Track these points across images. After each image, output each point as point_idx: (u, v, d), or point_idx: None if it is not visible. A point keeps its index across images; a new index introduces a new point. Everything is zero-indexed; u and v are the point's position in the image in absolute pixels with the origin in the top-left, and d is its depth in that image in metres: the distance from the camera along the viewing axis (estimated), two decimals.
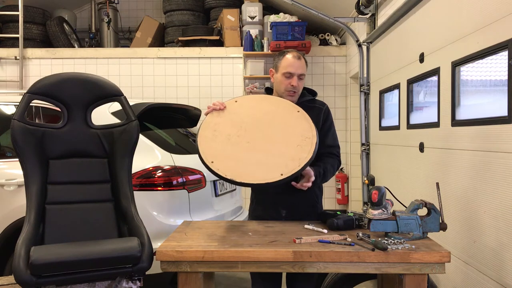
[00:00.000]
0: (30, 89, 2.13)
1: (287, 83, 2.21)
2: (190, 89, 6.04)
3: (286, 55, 2.25)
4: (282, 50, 2.43)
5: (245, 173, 1.90)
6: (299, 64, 2.22)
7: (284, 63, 2.23)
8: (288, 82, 2.21)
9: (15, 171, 2.85)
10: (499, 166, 2.03)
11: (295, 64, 2.21)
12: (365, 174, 4.55)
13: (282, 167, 1.90)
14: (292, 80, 2.20)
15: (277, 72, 2.26)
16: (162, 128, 3.30)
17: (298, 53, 2.26)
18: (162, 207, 2.83)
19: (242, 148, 1.99)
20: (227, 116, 2.12)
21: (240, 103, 2.18)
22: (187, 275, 1.78)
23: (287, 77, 2.21)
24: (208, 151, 1.96)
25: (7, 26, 6.31)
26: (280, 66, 2.24)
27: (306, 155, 1.94)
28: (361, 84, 4.56)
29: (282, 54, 2.27)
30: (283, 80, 2.22)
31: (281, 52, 2.30)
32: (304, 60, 2.25)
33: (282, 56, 2.25)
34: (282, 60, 2.24)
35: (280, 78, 2.23)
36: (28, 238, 1.89)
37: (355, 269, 1.73)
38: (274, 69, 2.29)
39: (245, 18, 5.97)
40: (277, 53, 2.29)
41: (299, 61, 2.22)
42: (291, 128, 2.05)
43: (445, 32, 2.64)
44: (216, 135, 2.04)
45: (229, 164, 1.93)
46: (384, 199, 1.87)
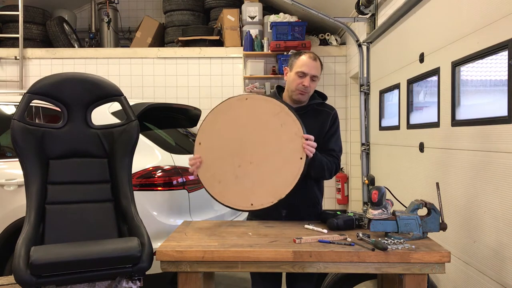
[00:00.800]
0: (30, 89, 2.13)
1: (299, 82, 2.20)
2: (190, 89, 6.04)
3: (302, 55, 2.24)
4: (286, 55, 2.43)
5: (243, 201, 2.08)
6: (313, 65, 2.21)
7: (299, 62, 2.22)
8: (300, 81, 2.20)
9: (15, 171, 2.85)
10: (499, 166, 2.03)
11: (310, 64, 2.20)
12: (365, 174, 4.55)
13: (276, 188, 2.03)
14: (304, 79, 2.19)
15: (291, 71, 2.26)
16: (162, 128, 3.30)
17: (315, 55, 2.26)
18: (162, 207, 2.83)
19: (235, 177, 2.11)
20: (215, 152, 2.14)
21: (217, 128, 2.16)
22: (187, 275, 1.78)
23: (300, 76, 2.20)
24: (213, 191, 2.14)
25: (7, 26, 6.31)
26: (295, 65, 2.23)
27: (297, 165, 2.03)
28: (361, 84, 4.56)
29: (299, 54, 2.27)
30: (296, 78, 2.21)
31: (299, 52, 2.30)
32: (320, 62, 2.25)
33: (298, 56, 2.25)
34: (298, 59, 2.23)
35: (293, 77, 2.23)
36: (28, 238, 1.89)
37: (355, 269, 1.73)
38: (289, 68, 2.29)
39: (245, 18, 5.97)
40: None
41: (314, 62, 2.22)
42: (277, 138, 2.08)
43: (445, 32, 2.64)
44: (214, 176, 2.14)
45: (230, 194, 2.11)
46: (384, 199, 1.87)
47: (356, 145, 5.24)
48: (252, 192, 2.06)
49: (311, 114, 2.29)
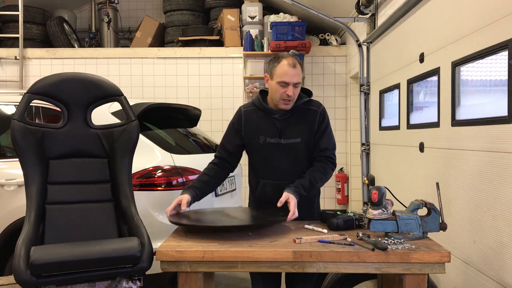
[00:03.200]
0: (30, 89, 2.13)
1: (282, 92, 2.14)
2: (190, 89, 6.04)
3: (281, 61, 2.14)
4: (277, 54, 2.37)
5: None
6: (294, 73, 2.13)
7: (279, 70, 2.13)
8: (283, 91, 2.13)
9: (15, 171, 2.85)
10: (499, 166, 2.03)
11: (290, 73, 2.12)
12: (365, 174, 4.55)
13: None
14: (287, 89, 2.13)
15: (272, 79, 2.17)
16: (162, 128, 3.30)
17: (293, 59, 2.15)
18: (162, 207, 2.83)
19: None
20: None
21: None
22: (187, 275, 1.78)
23: (282, 86, 2.13)
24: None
25: (7, 26, 6.31)
26: (275, 73, 2.14)
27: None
28: (361, 84, 4.56)
29: (277, 60, 2.16)
30: (278, 88, 2.14)
31: (276, 57, 2.19)
32: (300, 65, 2.17)
33: (277, 63, 2.15)
34: (277, 67, 2.14)
35: (275, 87, 2.15)
36: (28, 238, 1.89)
37: (355, 269, 1.73)
38: (269, 76, 2.20)
39: (245, 18, 5.97)
40: (272, 56, 2.20)
41: (294, 69, 2.12)
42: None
43: (445, 32, 2.64)
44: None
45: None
46: (384, 199, 1.87)
47: (356, 145, 5.24)
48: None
49: (298, 115, 2.24)
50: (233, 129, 2.31)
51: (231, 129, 2.33)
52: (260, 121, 2.25)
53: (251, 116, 2.28)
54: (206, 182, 2.26)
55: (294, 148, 2.22)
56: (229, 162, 2.35)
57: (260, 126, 2.24)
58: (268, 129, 2.23)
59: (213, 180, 2.31)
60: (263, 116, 2.25)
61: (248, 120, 2.27)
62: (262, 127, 2.24)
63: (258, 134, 2.23)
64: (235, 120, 2.32)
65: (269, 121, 2.23)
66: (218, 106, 5.99)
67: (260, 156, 2.25)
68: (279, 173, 2.23)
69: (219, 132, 5.98)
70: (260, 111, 2.26)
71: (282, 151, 2.21)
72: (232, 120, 2.35)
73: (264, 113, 2.25)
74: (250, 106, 2.32)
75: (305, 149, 2.24)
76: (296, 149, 2.22)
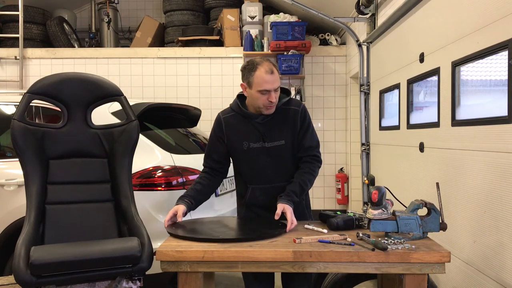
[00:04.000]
0: (30, 89, 2.13)
1: (265, 99, 2.10)
2: (190, 89, 6.04)
3: (257, 70, 2.08)
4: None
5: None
6: (273, 79, 2.08)
7: (257, 79, 2.07)
8: (265, 98, 2.10)
9: (15, 171, 2.85)
10: (499, 166, 2.03)
11: (270, 80, 2.07)
12: (365, 174, 4.55)
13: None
14: (269, 96, 2.09)
15: (251, 88, 2.12)
16: (162, 128, 3.30)
17: (269, 64, 2.10)
18: (162, 207, 2.83)
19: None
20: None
21: None
22: (187, 275, 1.78)
23: (264, 94, 2.09)
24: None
25: (7, 26, 6.31)
26: (254, 83, 2.09)
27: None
28: (361, 84, 4.56)
29: (252, 69, 2.10)
30: (260, 96, 2.10)
31: (250, 65, 2.12)
32: (276, 68, 2.13)
33: (253, 72, 2.09)
34: (254, 76, 2.08)
35: (256, 95, 2.10)
36: (28, 238, 1.89)
37: (355, 269, 1.73)
38: (247, 85, 2.13)
39: (245, 18, 5.97)
40: (246, 65, 2.15)
41: (272, 75, 2.08)
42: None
43: (445, 32, 2.64)
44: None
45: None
46: (384, 199, 1.87)
47: (356, 145, 5.24)
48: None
49: (279, 117, 2.21)
50: (215, 137, 2.27)
51: (213, 138, 2.28)
52: (242, 127, 2.21)
53: (231, 122, 2.23)
54: (200, 191, 2.24)
55: (279, 151, 2.19)
56: (219, 170, 2.33)
57: (242, 131, 2.21)
58: (250, 134, 2.19)
59: (207, 189, 2.28)
60: (243, 121, 2.21)
61: (229, 127, 2.23)
62: (244, 132, 2.20)
63: (241, 140, 2.20)
64: (215, 128, 2.27)
65: (250, 126, 2.20)
66: (218, 106, 5.98)
67: (246, 161, 2.22)
68: (266, 177, 2.21)
69: None
70: (240, 116, 2.22)
71: (267, 155, 2.19)
72: (212, 128, 2.29)
73: (244, 118, 2.21)
74: (229, 112, 2.27)
75: (290, 151, 2.22)
76: (281, 151, 2.20)
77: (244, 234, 2.01)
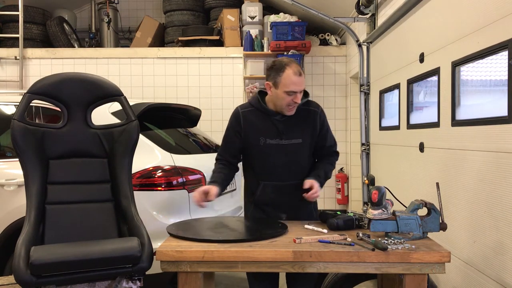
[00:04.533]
0: (30, 89, 2.13)
1: (290, 100, 2.14)
2: (190, 89, 6.04)
3: (286, 70, 2.11)
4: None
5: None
6: (301, 81, 2.13)
7: (285, 80, 2.11)
8: (291, 98, 2.13)
9: (15, 171, 2.85)
10: (499, 166, 2.03)
11: (297, 82, 2.11)
12: (365, 174, 4.55)
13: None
14: (295, 97, 2.13)
15: (276, 88, 2.14)
16: (162, 128, 3.30)
17: (297, 66, 2.14)
18: (162, 207, 2.83)
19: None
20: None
21: None
22: (187, 275, 1.78)
23: (290, 94, 2.13)
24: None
25: (7, 26, 6.31)
26: (281, 83, 2.12)
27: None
28: (361, 84, 4.56)
29: (281, 69, 2.13)
30: (285, 97, 2.13)
31: (279, 65, 2.15)
32: (303, 71, 2.18)
33: (281, 72, 2.12)
34: (282, 76, 2.11)
35: (281, 95, 2.14)
36: (28, 238, 1.89)
37: (355, 269, 1.73)
38: (273, 85, 2.16)
39: (245, 18, 5.97)
40: (273, 64, 2.19)
41: (300, 77, 2.12)
42: None
43: (445, 32, 2.64)
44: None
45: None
46: (384, 199, 1.87)
47: (356, 145, 5.23)
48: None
49: (299, 116, 2.24)
50: (233, 131, 2.28)
51: (231, 131, 2.30)
52: (260, 122, 2.24)
53: (250, 117, 2.26)
54: (224, 179, 2.27)
55: (295, 149, 2.23)
56: (233, 164, 2.35)
57: (260, 127, 2.23)
58: (268, 130, 2.22)
59: (228, 178, 2.33)
60: (262, 117, 2.24)
61: (247, 121, 2.25)
62: (262, 128, 2.23)
63: (258, 135, 2.22)
64: (233, 122, 2.29)
65: (269, 122, 2.23)
66: (218, 106, 5.99)
67: (260, 157, 2.25)
68: (280, 174, 2.23)
69: (219, 132, 5.97)
70: (259, 112, 2.25)
71: (282, 151, 2.21)
72: (230, 122, 2.31)
73: (263, 114, 2.24)
74: (247, 107, 2.30)
75: (306, 150, 2.26)
76: (297, 149, 2.23)
77: (244, 235, 2.01)
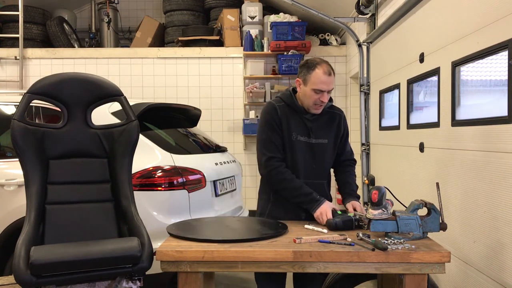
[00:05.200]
0: (30, 89, 2.13)
1: (317, 98, 2.17)
2: (190, 89, 6.04)
3: (316, 69, 2.15)
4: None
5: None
6: (330, 80, 2.16)
7: (314, 79, 2.14)
8: (318, 97, 2.17)
9: (15, 171, 2.85)
10: (499, 166, 2.03)
11: (327, 81, 2.15)
12: (365, 174, 4.55)
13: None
14: (322, 96, 2.16)
15: (305, 85, 2.18)
16: (162, 128, 3.30)
17: (328, 66, 2.18)
18: (162, 207, 2.83)
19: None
20: None
21: None
22: (187, 275, 1.78)
23: (317, 93, 2.16)
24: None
25: (7, 26, 6.31)
26: (310, 81, 2.16)
27: None
28: (361, 84, 4.56)
29: (312, 67, 2.16)
30: (313, 95, 2.17)
31: (310, 63, 2.19)
32: (333, 72, 2.19)
33: (312, 70, 2.16)
34: (312, 74, 2.15)
35: (309, 93, 2.17)
36: (28, 238, 1.89)
37: (355, 269, 1.73)
38: (302, 81, 2.20)
39: (245, 18, 5.97)
40: (306, 62, 2.22)
41: (330, 77, 2.15)
42: None
43: (445, 32, 2.64)
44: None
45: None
46: (384, 199, 1.87)
47: (356, 145, 5.23)
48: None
49: (326, 118, 2.32)
50: (275, 125, 2.24)
51: (273, 124, 2.24)
52: (292, 118, 2.26)
53: (284, 111, 2.28)
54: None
55: (321, 148, 2.27)
56: (283, 160, 2.27)
57: (292, 122, 2.26)
58: (299, 127, 2.26)
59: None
60: (293, 114, 2.27)
61: (283, 115, 2.27)
62: (294, 124, 2.26)
63: (291, 130, 2.25)
64: (272, 114, 2.25)
65: (299, 120, 2.27)
66: (218, 106, 5.99)
67: (290, 152, 2.25)
68: (305, 171, 2.26)
69: (219, 132, 5.99)
70: (291, 109, 2.28)
71: (310, 150, 2.25)
72: (269, 115, 2.26)
73: (294, 111, 2.27)
74: (279, 102, 2.31)
75: (331, 151, 2.32)
76: (323, 149, 2.28)
77: (244, 235, 2.01)
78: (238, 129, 5.98)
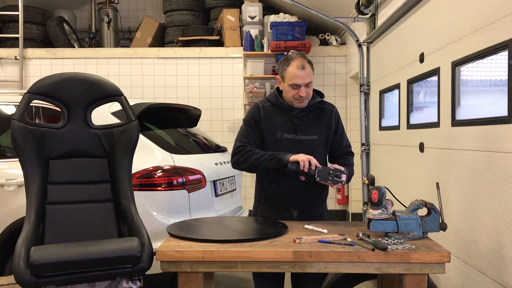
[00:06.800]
0: (30, 89, 2.13)
1: (295, 93, 2.19)
2: (190, 89, 6.04)
3: (290, 64, 2.18)
4: (286, 55, 2.42)
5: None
6: (304, 74, 2.16)
7: (289, 74, 2.17)
8: (296, 92, 2.18)
9: (15, 171, 2.85)
10: (499, 166, 2.03)
11: (300, 75, 2.15)
12: (365, 174, 4.55)
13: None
14: (299, 90, 2.17)
15: (284, 82, 2.22)
16: (162, 128, 3.30)
17: (302, 60, 2.18)
18: (162, 207, 2.83)
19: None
20: None
21: None
22: (187, 275, 1.78)
23: (294, 88, 2.18)
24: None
25: (7, 26, 6.32)
26: (286, 77, 2.19)
27: None
28: (361, 84, 4.56)
29: (286, 63, 2.20)
30: (290, 90, 2.19)
31: (286, 58, 2.23)
32: (310, 64, 2.20)
33: (286, 66, 2.20)
34: (287, 70, 2.19)
35: (287, 88, 2.21)
36: (28, 238, 1.89)
37: (355, 269, 1.73)
38: (281, 78, 2.25)
39: (245, 18, 5.97)
40: (282, 59, 2.27)
41: (303, 71, 2.16)
42: None
43: (445, 32, 2.64)
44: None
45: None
46: (384, 199, 1.87)
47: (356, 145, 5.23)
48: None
49: (315, 114, 2.30)
50: (253, 123, 2.28)
51: (251, 123, 2.29)
52: (277, 116, 2.27)
53: (269, 111, 2.29)
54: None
55: (310, 145, 2.25)
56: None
57: (277, 121, 2.26)
58: (285, 124, 2.25)
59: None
60: (279, 112, 2.28)
61: (266, 115, 2.28)
62: (279, 122, 2.26)
63: (276, 129, 2.25)
64: (253, 113, 2.30)
65: (286, 117, 2.26)
66: (218, 106, 5.99)
67: (276, 151, 2.23)
68: None
69: (219, 132, 6.00)
70: (277, 107, 2.29)
71: (298, 147, 2.23)
72: (249, 115, 2.32)
73: (281, 110, 2.28)
74: (266, 102, 2.33)
75: (321, 147, 2.29)
76: (312, 146, 2.25)
77: (244, 235, 2.01)
78: (238, 129, 5.97)
